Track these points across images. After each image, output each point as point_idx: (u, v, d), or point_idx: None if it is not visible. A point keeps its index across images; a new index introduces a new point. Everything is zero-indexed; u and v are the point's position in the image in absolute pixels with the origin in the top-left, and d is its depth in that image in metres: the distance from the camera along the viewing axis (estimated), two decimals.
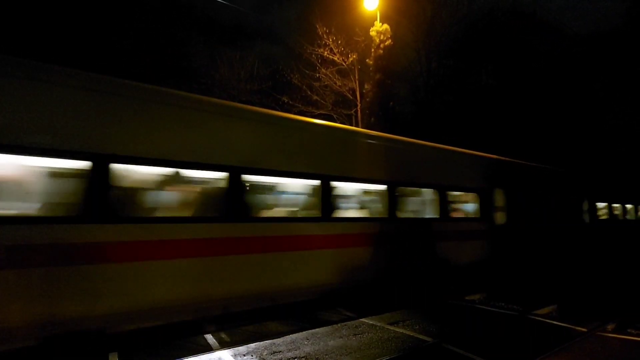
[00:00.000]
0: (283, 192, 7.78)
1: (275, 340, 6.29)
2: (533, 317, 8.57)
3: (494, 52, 28.81)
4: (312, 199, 7.95)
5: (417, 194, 10.28)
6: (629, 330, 7.71)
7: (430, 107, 27.01)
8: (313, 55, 20.94)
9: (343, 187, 8.46)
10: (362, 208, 9.10)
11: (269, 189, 7.59)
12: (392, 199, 9.21)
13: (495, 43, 28.51)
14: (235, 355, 5.77)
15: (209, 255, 6.26)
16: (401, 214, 9.48)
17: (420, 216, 10.14)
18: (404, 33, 24.83)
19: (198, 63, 24.40)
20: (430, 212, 10.29)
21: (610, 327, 7.82)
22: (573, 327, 7.54)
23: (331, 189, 8.02)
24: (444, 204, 10.41)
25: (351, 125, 21.84)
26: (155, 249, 5.75)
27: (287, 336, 6.55)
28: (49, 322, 5.01)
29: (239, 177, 6.71)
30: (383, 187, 9.11)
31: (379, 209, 9.20)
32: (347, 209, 8.60)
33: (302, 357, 5.75)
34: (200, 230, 6.24)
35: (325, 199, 7.89)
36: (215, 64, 24.37)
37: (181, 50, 23.92)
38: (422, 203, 10.33)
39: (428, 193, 10.33)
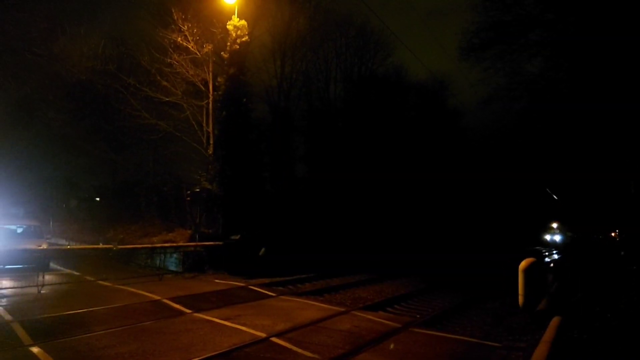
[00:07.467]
0: None
1: None
2: (359, 312, 9.43)
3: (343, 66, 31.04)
4: None
5: None
6: (436, 327, 9.13)
7: (285, 111, 27.65)
8: (166, 40, 19.78)
9: None
10: None
11: None
12: None
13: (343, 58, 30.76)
14: None
15: None
16: None
17: None
18: (261, 33, 25.02)
19: (35, 33, 21.13)
20: None
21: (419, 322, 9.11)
22: (391, 323, 8.56)
23: None
24: None
25: (202, 117, 21.21)
26: None
27: None
28: None
29: None
30: None
31: None
32: None
33: None
34: None
35: None
36: (55, 36, 21.41)
37: (15, 15, 20.41)
38: None
39: None
